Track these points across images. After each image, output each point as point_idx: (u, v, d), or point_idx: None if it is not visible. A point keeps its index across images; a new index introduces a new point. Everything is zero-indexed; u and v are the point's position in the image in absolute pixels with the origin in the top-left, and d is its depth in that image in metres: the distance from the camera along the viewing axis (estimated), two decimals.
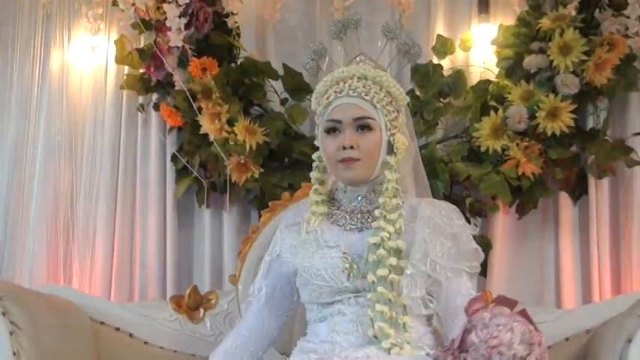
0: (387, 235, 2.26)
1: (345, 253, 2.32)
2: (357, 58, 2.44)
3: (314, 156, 2.48)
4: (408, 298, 2.26)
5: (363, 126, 2.34)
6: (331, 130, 2.37)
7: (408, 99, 2.48)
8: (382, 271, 2.23)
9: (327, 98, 2.38)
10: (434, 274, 2.30)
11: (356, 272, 2.29)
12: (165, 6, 3.25)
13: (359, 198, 2.42)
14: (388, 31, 2.59)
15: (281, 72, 3.33)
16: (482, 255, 2.44)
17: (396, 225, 2.28)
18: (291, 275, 2.46)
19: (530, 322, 1.87)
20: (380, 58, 2.84)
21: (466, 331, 1.87)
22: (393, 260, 2.24)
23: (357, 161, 2.34)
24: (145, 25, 3.34)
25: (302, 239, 2.42)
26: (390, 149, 2.37)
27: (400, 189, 2.34)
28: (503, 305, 1.90)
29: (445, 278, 2.31)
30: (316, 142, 2.48)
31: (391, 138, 2.36)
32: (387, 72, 2.43)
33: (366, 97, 2.34)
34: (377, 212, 2.31)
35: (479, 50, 3.37)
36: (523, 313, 1.87)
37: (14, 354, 2.42)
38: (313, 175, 2.47)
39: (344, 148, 2.33)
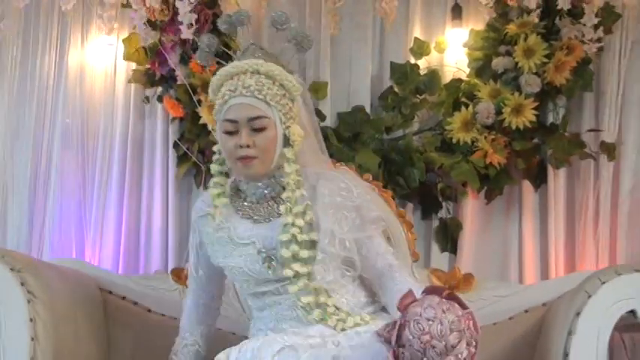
0: (298, 229, 2.20)
1: (260, 250, 2.26)
2: (250, 48, 2.33)
3: (214, 148, 2.37)
4: (324, 283, 2.23)
5: (259, 128, 2.23)
6: (229, 131, 2.26)
7: (301, 88, 2.33)
8: (297, 266, 2.19)
9: (223, 97, 2.27)
10: (345, 252, 2.25)
11: (275, 264, 2.23)
12: (177, 3, 3.24)
13: (261, 188, 2.32)
14: (277, 23, 2.42)
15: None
16: (382, 218, 2.39)
17: (306, 217, 2.22)
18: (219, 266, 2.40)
19: (460, 302, 1.85)
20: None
21: (401, 327, 1.84)
22: (304, 253, 2.19)
23: (254, 159, 2.24)
24: (151, 25, 3.34)
25: (217, 237, 2.34)
26: (287, 141, 2.27)
27: (301, 180, 2.26)
28: (432, 294, 1.87)
29: (357, 253, 2.26)
30: (215, 135, 2.39)
31: (286, 131, 2.25)
32: (278, 60, 2.31)
33: (259, 96, 2.23)
34: (282, 208, 2.23)
35: (452, 52, 3.39)
36: (451, 296, 1.86)
37: (31, 320, 2.43)
38: (213, 167, 2.37)
39: (241, 146, 2.23)
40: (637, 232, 3.29)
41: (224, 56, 2.46)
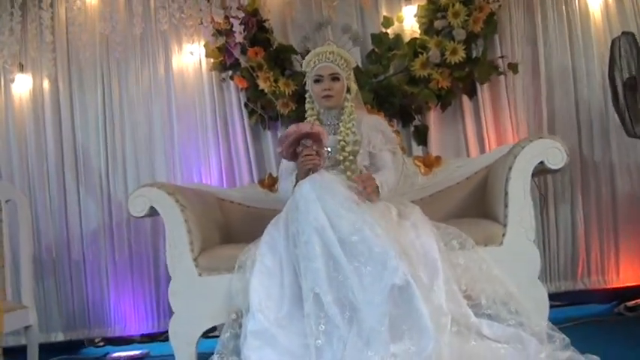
0: (347, 134, 2.46)
1: (327, 147, 2.44)
2: (327, 42, 2.59)
3: (306, 95, 2.62)
4: (361, 165, 2.48)
5: (334, 78, 2.51)
6: (317, 80, 2.53)
7: (355, 62, 2.63)
8: (343, 154, 2.45)
9: (314, 63, 2.52)
10: (374, 151, 2.54)
11: (332, 155, 2.47)
12: (231, 20, 3.25)
13: (332, 115, 2.57)
14: (345, 28, 2.70)
15: (299, 49, 3.33)
16: (396, 139, 2.67)
17: (353, 130, 2.49)
18: None
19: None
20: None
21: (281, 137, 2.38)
22: (349, 148, 2.45)
23: (331, 97, 2.52)
24: (219, 32, 3.34)
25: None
26: (348, 90, 2.55)
27: (354, 110, 2.53)
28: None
29: (379, 151, 2.53)
30: (307, 88, 2.61)
31: (348, 84, 2.55)
32: (342, 48, 2.60)
33: (336, 63, 2.51)
34: (341, 125, 2.49)
35: (408, 21, 3.35)
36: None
37: (185, 221, 2.51)
38: (307, 105, 2.61)
39: (325, 89, 2.51)
40: (536, 116, 3.28)
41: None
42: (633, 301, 3.08)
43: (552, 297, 3.10)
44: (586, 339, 2.36)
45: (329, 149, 2.46)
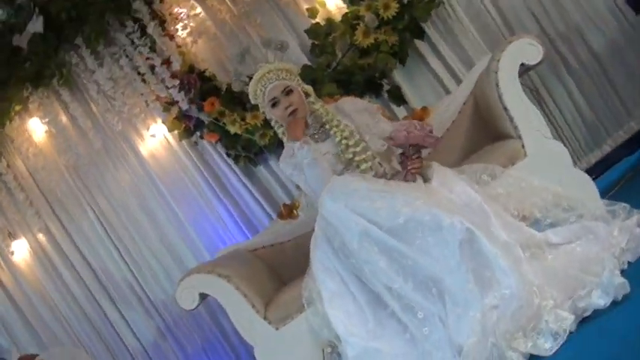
0: (342, 131, 2.34)
1: (333, 154, 2.37)
2: (259, 65, 2.46)
3: (272, 123, 2.48)
4: (382, 148, 2.42)
5: (288, 92, 2.37)
6: (274, 104, 2.38)
7: (296, 68, 2.54)
8: (350, 151, 2.35)
9: (260, 91, 2.39)
10: (374, 130, 2.42)
11: (342, 158, 2.36)
12: (170, 90, 3.27)
13: (311, 123, 2.42)
14: (265, 43, 2.65)
15: (236, 88, 3.25)
16: (376, 106, 2.59)
17: (345, 123, 2.37)
18: None
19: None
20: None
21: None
22: (352, 142, 2.33)
23: (297, 110, 2.36)
24: (169, 104, 3.36)
25: (304, 159, 2.35)
26: (306, 95, 2.42)
27: (327, 108, 2.41)
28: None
29: (377, 126, 2.42)
30: (268, 117, 2.48)
31: (302, 89, 2.42)
32: (275, 61, 2.50)
33: (280, 78, 2.37)
34: (327, 126, 2.37)
35: (330, 1, 3.33)
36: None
37: (236, 289, 2.49)
38: (278, 131, 2.47)
39: (286, 108, 2.36)
40: (490, 25, 3.24)
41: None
42: None
43: (589, 172, 3.16)
44: (638, 193, 2.37)
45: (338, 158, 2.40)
